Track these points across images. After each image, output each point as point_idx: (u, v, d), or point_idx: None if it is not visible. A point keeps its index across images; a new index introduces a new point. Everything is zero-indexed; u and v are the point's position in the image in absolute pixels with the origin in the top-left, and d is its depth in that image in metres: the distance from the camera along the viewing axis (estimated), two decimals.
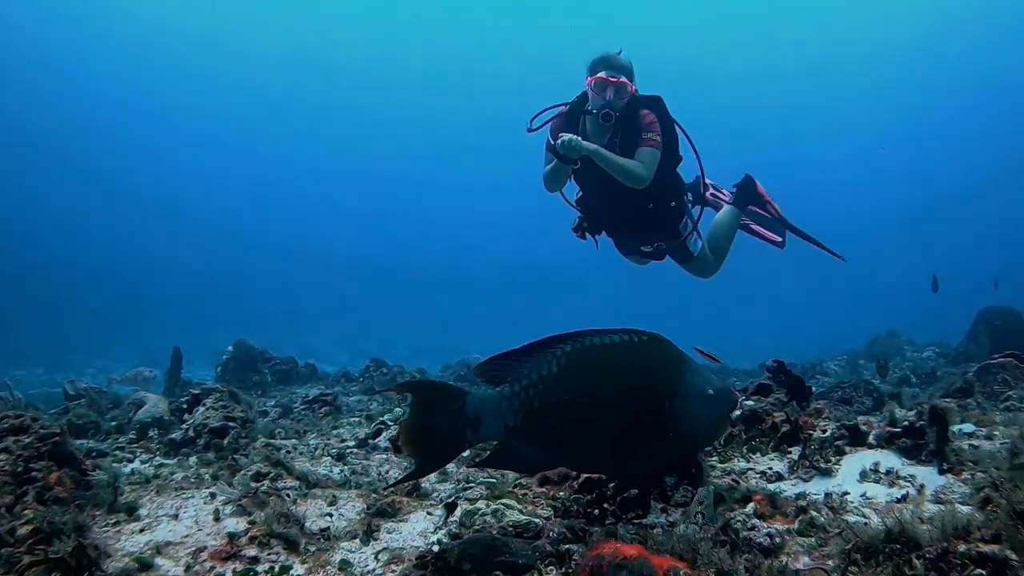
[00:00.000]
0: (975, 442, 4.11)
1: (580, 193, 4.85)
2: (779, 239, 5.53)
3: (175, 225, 46.96)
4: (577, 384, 2.32)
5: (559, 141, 4.05)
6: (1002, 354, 7.71)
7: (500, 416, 2.35)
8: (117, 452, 4.31)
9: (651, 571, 1.99)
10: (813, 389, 5.00)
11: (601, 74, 4.25)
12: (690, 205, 5.07)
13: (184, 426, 4.44)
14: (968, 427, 4.52)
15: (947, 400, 4.78)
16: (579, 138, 4.07)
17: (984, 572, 1.84)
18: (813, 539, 2.56)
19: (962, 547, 1.93)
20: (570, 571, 2.26)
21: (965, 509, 2.59)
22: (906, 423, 4.05)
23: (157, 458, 4.21)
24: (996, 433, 4.22)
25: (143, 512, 3.11)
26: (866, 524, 2.54)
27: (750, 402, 5.17)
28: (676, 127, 4.56)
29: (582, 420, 2.35)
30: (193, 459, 4.04)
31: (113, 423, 5.06)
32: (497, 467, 2.90)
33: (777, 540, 2.52)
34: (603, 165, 4.15)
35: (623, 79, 4.27)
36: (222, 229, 49.21)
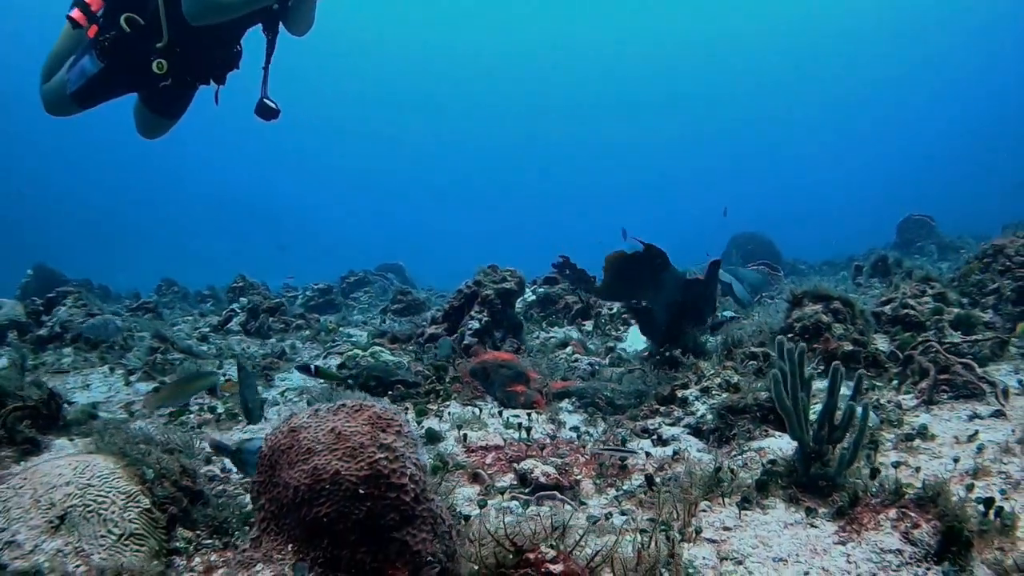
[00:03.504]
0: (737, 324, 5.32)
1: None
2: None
3: None
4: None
5: None
6: (755, 263, 9.38)
7: None
8: None
9: (523, 371, 2.77)
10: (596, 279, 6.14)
11: None
12: None
13: (49, 324, 4.61)
14: (728, 313, 5.77)
15: None
16: None
17: (755, 361, 2.86)
18: (623, 368, 3.48)
19: (740, 350, 2.95)
20: (447, 386, 2.97)
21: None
22: None
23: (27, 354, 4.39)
24: (753, 316, 5.43)
25: (51, 387, 3.44)
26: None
27: (542, 289, 6.32)
28: None
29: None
30: (68, 350, 4.29)
31: None
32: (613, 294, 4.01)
33: (596, 368, 3.40)
34: (307, 6, 3.74)
35: None
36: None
